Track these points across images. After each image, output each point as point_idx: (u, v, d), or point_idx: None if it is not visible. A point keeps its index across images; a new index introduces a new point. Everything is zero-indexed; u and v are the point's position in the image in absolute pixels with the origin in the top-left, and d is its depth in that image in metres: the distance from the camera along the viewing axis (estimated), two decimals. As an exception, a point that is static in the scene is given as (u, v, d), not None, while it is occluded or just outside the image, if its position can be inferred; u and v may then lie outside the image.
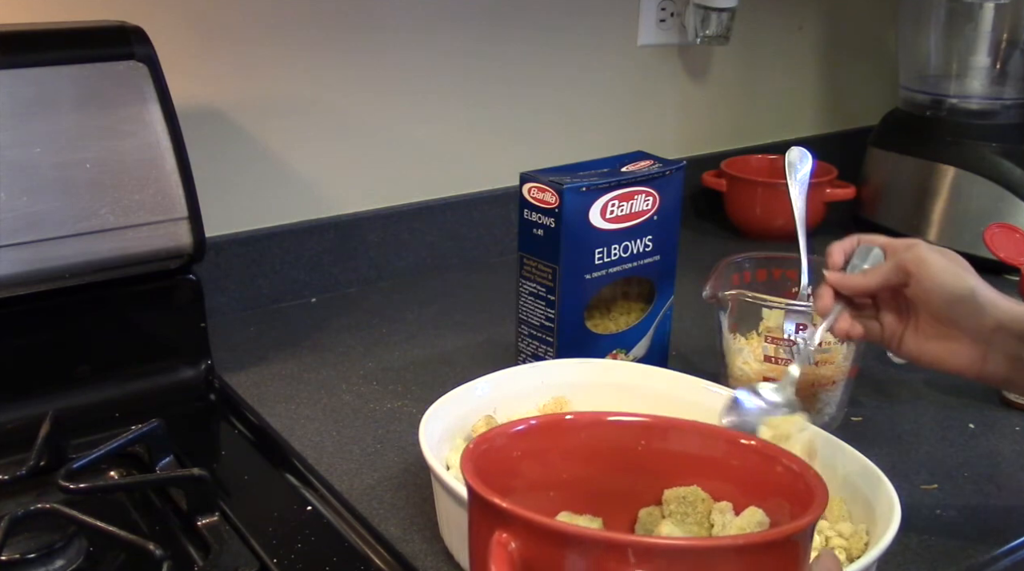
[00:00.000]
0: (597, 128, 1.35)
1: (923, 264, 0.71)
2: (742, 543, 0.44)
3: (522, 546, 0.43)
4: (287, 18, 1.07)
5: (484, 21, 1.21)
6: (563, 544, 0.43)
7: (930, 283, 0.71)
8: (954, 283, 0.71)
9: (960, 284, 0.71)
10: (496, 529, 0.43)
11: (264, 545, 0.69)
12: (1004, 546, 0.73)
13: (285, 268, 1.13)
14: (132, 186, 0.83)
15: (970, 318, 0.71)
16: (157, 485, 0.76)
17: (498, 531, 0.43)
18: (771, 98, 1.55)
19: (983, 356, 0.71)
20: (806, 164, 0.92)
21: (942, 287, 0.71)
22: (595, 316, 0.92)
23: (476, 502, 0.46)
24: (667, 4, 1.35)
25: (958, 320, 0.71)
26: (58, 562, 0.66)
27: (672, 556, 0.42)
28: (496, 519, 0.44)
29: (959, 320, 0.71)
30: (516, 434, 0.55)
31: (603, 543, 0.42)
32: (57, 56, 0.82)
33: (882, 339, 0.77)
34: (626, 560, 0.41)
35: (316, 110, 1.12)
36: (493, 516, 0.44)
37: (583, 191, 0.84)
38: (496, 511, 0.44)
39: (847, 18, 1.59)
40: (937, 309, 0.72)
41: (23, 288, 0.81)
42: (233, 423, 0.88)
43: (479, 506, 0.46)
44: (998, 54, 1.34)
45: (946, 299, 0.71)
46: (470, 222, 1.26)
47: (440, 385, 0.81)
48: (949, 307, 0.71)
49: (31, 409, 0.82)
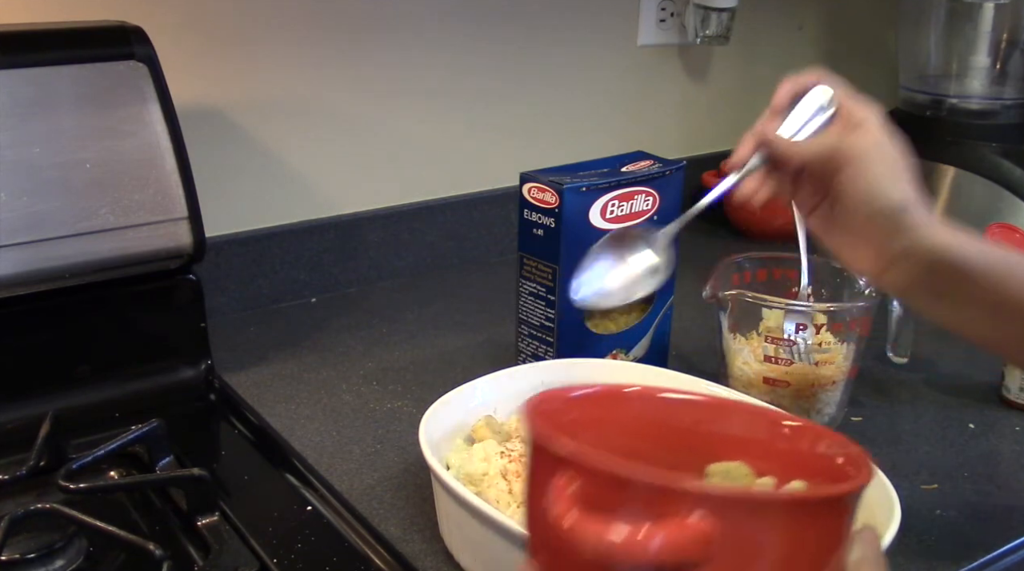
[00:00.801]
0: (597, 128, 1.35)
1: (861, 162, 0.64)
2: (798, 498, 0.45)
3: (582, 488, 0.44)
4: (287, 18, 1.07)
5: (484, 21, 1.21)
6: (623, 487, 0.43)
7: (861, 185, 0.64)
8: (886, 196, 0.64)
9: (891, 197, 0.64)
10: (555, 473, 0.44)
11: (264, 545, 0.69)
12: (1004, 546, 0.73)
13: (285, 268, 1.13)
14: (132, 186, 0.83)
15: (883, 235, 0.65)
16: (157, 485, 0.76)
17: (556, 475, 0.44)
18: (771, 98, 1.54)
19: (885, 267, 0.66)
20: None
21: (870, 196, 0.64)
22: (595, 316, 0.91)
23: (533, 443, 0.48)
24: (667, 4, 1.35)
25: (870, 234, 0.65)
26: (58, 562, 0.66)
27: (728, 503, 0.43)
28: (554, 463, 0.45)
29: (871, 235, 0.65)
30: (573, 399, 0.56)
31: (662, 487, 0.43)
32: (57, 56, 0.82)
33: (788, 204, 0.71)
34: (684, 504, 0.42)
35: (316, 110, 1.12)
36: (553, 461, 0.45)
37: (583, 191, 0.84)
38: (556, 455, 0.45)
39: (847, 18, 1.59)
40: (853, 214, 0.65)
41: (23, 288, 0.81)
42: (233, 423, 0.88)
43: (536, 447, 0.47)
44: (998, 54, 1.34)
45: (868, 212, 0.64)
46: (470, 222, 1.26)
47: (440, 385, 0.81)
48: (868, 220, 0.65)
49: (31, 409, 0.82)
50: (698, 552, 0.42)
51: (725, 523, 0.42)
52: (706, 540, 0.42)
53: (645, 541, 0.41)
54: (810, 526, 0.44)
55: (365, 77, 1.15)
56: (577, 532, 0.42)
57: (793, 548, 0.44)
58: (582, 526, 0.42)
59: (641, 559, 0.41)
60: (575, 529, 0.42)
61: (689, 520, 0.42)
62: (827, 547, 0.45)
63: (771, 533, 0.43)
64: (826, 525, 0.44)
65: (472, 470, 0.69)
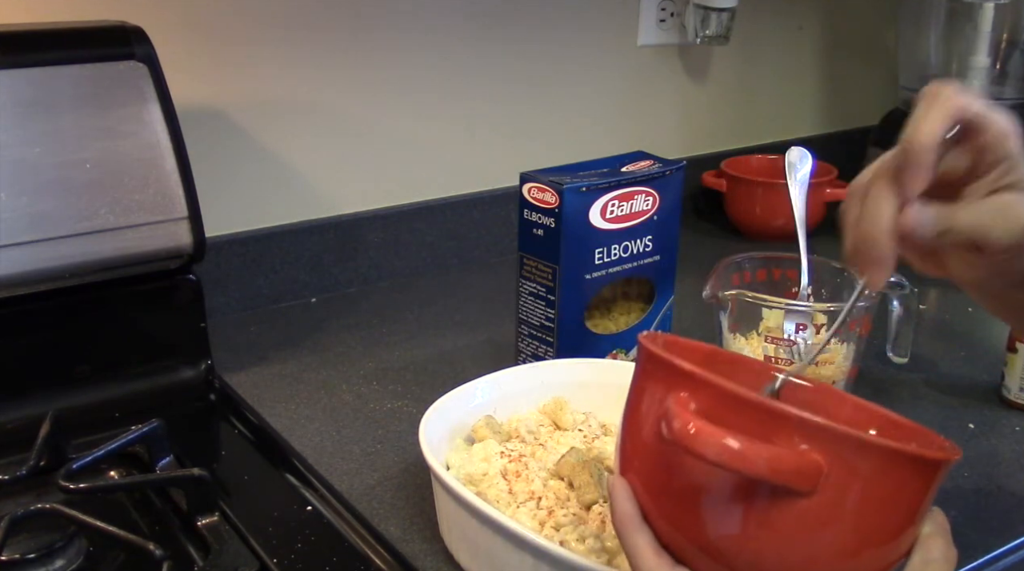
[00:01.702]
0: (597, 128, 1.35)
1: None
2: (902, 449, 0.47)
3: (702, 404, 0.47)
4: (287, 18, 1.07)
5: (484, 21, 1.21)
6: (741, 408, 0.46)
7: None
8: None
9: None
10: (674, 390, 0.48)
11: (264, 545, 0.69)
12: (1004, 546, 0.73)
13: (285, 268, 1.13)
14: (132, 186, 0.83)
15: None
16: (157, 485, 0.76)
17: (676, 392, 0.47)
18: (771, 98, 1.55)
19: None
20: (806, 164, 0.92)
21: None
22: (595, 316, 0.92)
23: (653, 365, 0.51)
24: (667, 4, 1.35)
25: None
26: (58, 562, 0.66)
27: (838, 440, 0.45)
28: (677, 381, 0.48)
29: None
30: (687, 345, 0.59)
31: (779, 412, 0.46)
32: (57, 56, 0.82)
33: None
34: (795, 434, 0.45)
35: (316, 110, 1.12)
36: (674, 378, 0.48)
37: (583, 191, 0.84)
38: (680, 373, 0.48)
39: (847, 18, 1.59)
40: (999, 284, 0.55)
41: (23, 288, 0.81)
42: (233, 423, 0.88)
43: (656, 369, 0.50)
44: (998, 54, 1.34)
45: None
46: (470, 222, 1.26)
47: (440, 385, 0.81)
48: None
49: (31, 409, 0.82)
50: (806, 480, 0.45)
51: (834, 459, 0.45)
52: (817, 471, 0.44)
53: (762, 453, 0.44)
54: (905, 482, 0.47)
55: (365, 77, 1.15)
56: (702, 436, 0.44)
57: (885, 499, 0.46)
58: (707, 431, 0.44)
59: (754, 469, 0.44)
60: (700, 433, 0.44)
61: (803, 449, 0.45)
62: (912, 508, 0.48)
63: (870, 479, 0.46)
64: (916, 487, 0.47)
65: (472, 470, 0.69)
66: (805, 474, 0.44)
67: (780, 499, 0.45)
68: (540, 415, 0.78)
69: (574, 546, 0.61)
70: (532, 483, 0.67)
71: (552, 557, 0.59)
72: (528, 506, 0.65)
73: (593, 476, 0.66)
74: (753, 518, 0.46)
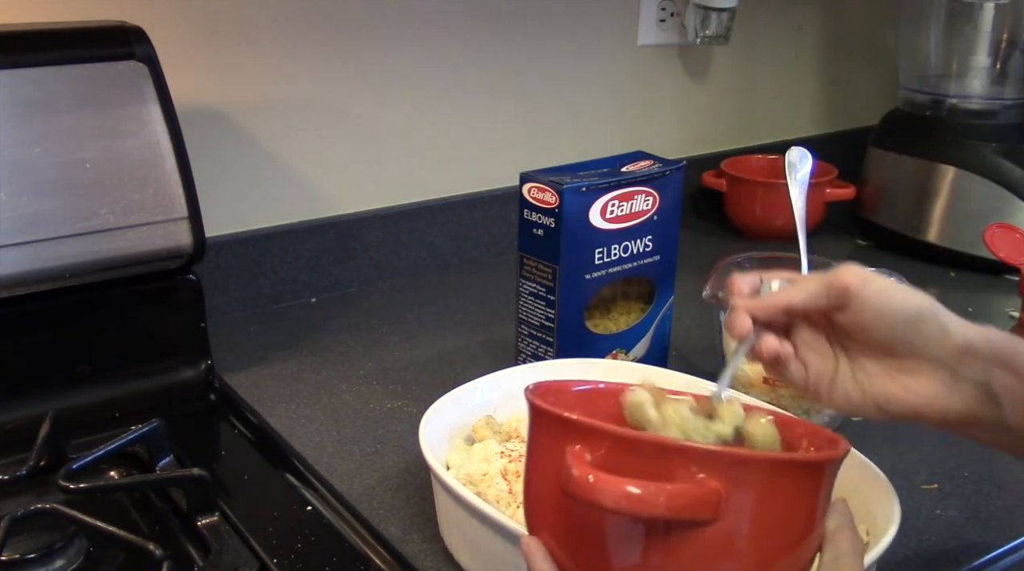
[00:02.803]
0: (597, 128, 1.35)
1: (866, 283, 0.58)
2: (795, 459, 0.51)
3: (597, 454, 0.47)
4: (287, 18, 1.07)
5: (484, 21, 1.21)
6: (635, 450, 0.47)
7: (878, 303, 0.58)
8: (907, 301, 0.58)
9: (914, 302, 0.58)
10: (568, 444, 0.48)
11: (264, 545, 0.69)
12: (1004, 546, 0.73)
13: (285, 268, 1.13)
14: (132, 186, 0.83)
15: (932, 340, 0.58)
16: (157, 485, 0.76)
17: (570, 445, 0.48)
18: (771, 98, 1.55)
19: (947, 388, 0.58)
20: (806, 164, 0.92)
21: (892, 308, 0.58)
22: (595, 316, 0.92)
23: (545, 421, 0.51)
24: (667, 4, 1.35)
25: (917, 344, 0.58)
26: (58, 562, 0.66)
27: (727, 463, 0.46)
28: (569, 434, 0.49)
29: (919, 344, 0.58)
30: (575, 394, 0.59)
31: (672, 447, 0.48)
32: (57, 56, 0.82)
33: (806, 384, 0.62)
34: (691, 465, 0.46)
35: (316, 110, 1.12)
36: (565, 432, 0.49)
37: (583, 191, 0.84)
38: (570, 425, 0.49)
39: (847, 18, 1.59)
40: (888, 334, 0.59)
41: (23, 288, 0.81)
42: (233, 423, 0.88)
43: (549, 425, 0.51)
44: (998, 54, 1.34)
45: (901, 319, 0.58)
46: (470, 222, 1.26)
47: (440, 385, 0.81)
48: (906, 328, 0.58)
49: (31, 409, 0.82)
50: (709, 510, 0.45)
51: (731, 483, 0.46)
52: (717, 499, 0.45)
53: (661, 494, 0.45)
54: (799, 488, 0.48)
55: (365, 77, 1.15)
56: (601, 485, 0.45)
57: (783, 509, 0.48)
58: (605, 481, 0.45)
59: (657, 511, 0.45)
60: (599, 484, 0.45)
61: (700, 478, 0.46)
62: (811, 511, 0.49)
63: (765, 493, 0.47)
64: (810, 490, 0.49)
65: (472, 470, 0.69)
66: (706, 504, 0.45)
67: (686, 530, 0.46)
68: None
69: (574, 546, 0.61)
70: (532, 483, 0.67)
71: (552, 557, 0.59)
72: (528, 506, 0.65)
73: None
74: (666, 555, 0.47)
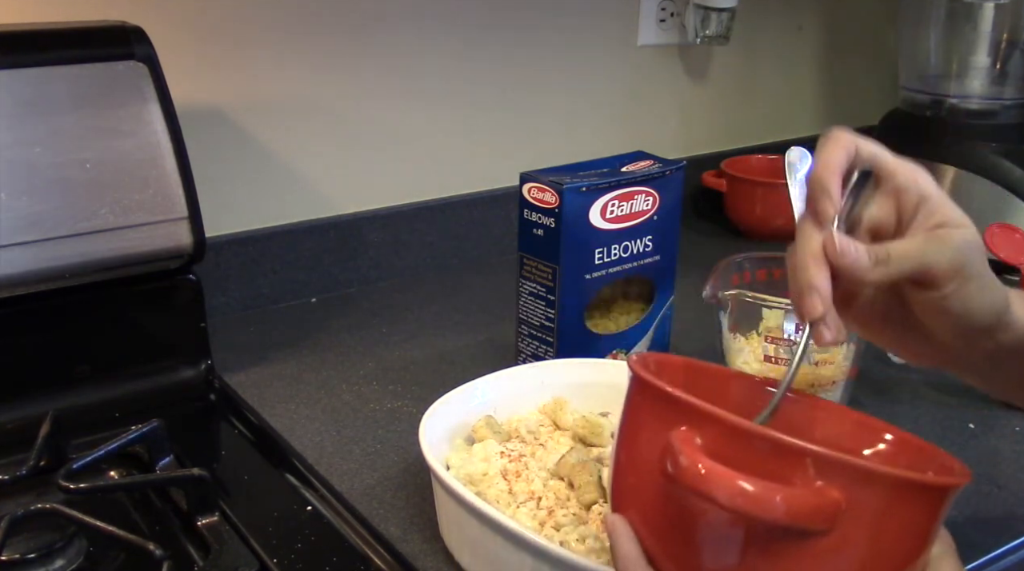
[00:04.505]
0: (597, 128, 1.35)
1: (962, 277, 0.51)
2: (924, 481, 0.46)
3: (707, 442, 0.44)
4: (287, 18, 1.07)
5: (484, 21, 1.21)
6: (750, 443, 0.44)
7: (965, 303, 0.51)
8: (991, 302, 0.52)
9: (996, 302, 0.53)
10: (675, 425, 0.45)
11: (264, 545, 0.69)
12: (1004, 546, 0.73)
13: (285, 268, 1.13)
14: (132, 186, 0.83)
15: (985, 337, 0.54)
16: (157, 485, 0.76)
17: (677, 426, 0.44)
18: (771, 98, 1.55)
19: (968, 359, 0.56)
20: (806, 164, 0.91)
21: (979, 309, 0.52)
22: (595, 316, 0.92)
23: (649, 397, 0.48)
24: (667, 4, 1.35)
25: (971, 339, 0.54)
26: (58, 562, 0.66)
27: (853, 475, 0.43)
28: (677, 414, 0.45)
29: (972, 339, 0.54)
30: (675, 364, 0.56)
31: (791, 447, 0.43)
32: (57, 56, 0.82)
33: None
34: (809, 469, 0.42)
35: (316, 110, 1.12)
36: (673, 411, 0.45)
37: (583, 191, 0.84)
38: (681, 406, 0.45)
39: (847, 18, 1.59)
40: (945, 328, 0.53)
41: (23, 288, 0.81)
42: (233, 423, 0.88)
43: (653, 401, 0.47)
44: (998, 54, 1.34)
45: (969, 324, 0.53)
46: (470, 222, 1.26)
47: (440, 385, 0.81)
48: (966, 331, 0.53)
49: (31, 409, 0.82)
50: (826, 520, 0.42)
51: (850, 494, 0.42)
52: (836, 510, 0.42)
53: (778, 496, 0.41)
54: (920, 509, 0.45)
55: (365, 77, 1.14)
56: (713, 477, 0.41)
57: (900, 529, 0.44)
58: (718, 473, 0.41)
59: (774, 514, 0.41)
60: (711, 476, 0.41)
61: (819, 485, 0.42)
62: (925, 533, 0.46)
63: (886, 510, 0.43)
64: (930, 512, 0.45)
65: (472, 470, 0.69)
66: (824, 513, 0.42)
67: (795, 538, 0.43)
68: (540, 415, 0.78)
69: (574, 546, 0.61)
70: (532, 483, 0.67)
71: (552, 557, 0.59)
72: (528, 506, 0.66)
73: (593, 476, 0.66)
74: (766, 559, 0.44)
